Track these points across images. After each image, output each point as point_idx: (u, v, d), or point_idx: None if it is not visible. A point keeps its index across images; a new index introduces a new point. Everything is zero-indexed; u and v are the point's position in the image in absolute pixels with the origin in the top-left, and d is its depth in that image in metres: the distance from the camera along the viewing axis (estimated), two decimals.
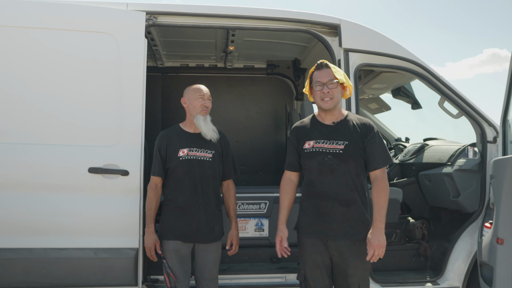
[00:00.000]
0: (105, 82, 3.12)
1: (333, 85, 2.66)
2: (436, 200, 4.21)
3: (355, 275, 2.62)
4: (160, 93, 5.41)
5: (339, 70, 2.75)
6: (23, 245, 2.96)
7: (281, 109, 5.68)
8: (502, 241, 2.87)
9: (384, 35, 3.56)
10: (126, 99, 3.12)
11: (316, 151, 2.66)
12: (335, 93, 2.67)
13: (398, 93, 4.89)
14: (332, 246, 2.63)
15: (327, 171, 2.63)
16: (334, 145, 2.63)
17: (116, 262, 3.03)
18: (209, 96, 3.04)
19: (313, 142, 2.69)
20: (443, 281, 3.53)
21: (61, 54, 3.08)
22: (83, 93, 3.10)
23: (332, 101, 2.67)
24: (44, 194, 2.99)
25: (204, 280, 2.99)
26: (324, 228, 2.63)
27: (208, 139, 2.97)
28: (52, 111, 3.06)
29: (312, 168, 2.68)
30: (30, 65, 3.06)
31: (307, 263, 2.72)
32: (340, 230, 2.61)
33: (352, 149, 2.62)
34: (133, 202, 3.06)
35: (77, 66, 3.09)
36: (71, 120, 3.07)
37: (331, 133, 2.68)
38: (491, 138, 3.58)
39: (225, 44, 4.69)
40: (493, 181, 3.08)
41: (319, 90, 2.68)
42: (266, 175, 5.60)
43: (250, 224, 3.81)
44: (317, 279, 2.70)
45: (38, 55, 3.07)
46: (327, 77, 2.68)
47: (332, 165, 2.62)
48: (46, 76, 3.07)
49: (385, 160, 2.69)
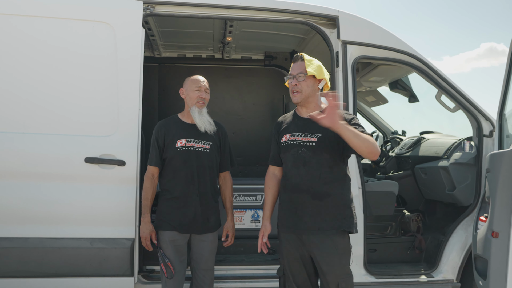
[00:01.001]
0: (102, 72, 3.09)
1: (301, 77, 2.62)
2: (432, 193, 4.24)
3: (332, 272, 2.55)
4: (157, 83, 5.39)
5: (315, 63, 2.67)
6: (19, 234, 2.96)
7: (278, 100, 5.66)
8: (497, 235, 2.88)
9: (383, 28, 3.55)
10: (123, 89, 3.10)
11: (291, 143, 2.65)
12: (304, 86, 2.63)
13: (395, 86, 4.89)
14: (306, 241, 2.59)
15: (300, 164, 2.60)
16: (308, 138, 2.61)
17: (112, 252, 3.03)
18: (207, 88, 3.02)
19: (289, 135, 2.68)
20: (437, 274, 3.56)
21: (57, 43, 3.06)
22: (80, 83, 3.07)
23: (300, 94, 2.64)
24: (41, 183, 2.98)
25: (200, 271, 3.00)
26: (298, 222, 2.60)
27: (202, 132, 2.96)
28: (48, 101, 3.04)
29: (287, 161, 2.68)
30: (25, 54, 3.03)
31: (285, 257, 2.71)
32: (313, 224, 2.56)
33: (325, 141, 2.57)
34: (130, 192, 3.05)
35: (73, 55, 3.07)
36: (67, 110, 3.05)
37: (306, 125, 2.65)
38: (488, 132, 3.59)
39: (223, 35, 4.66)
40: (488, 175, 3.09)
41: (289, 82, 2.68)
42: (263, 167, 5.55)
43: (246, 215, 3.81)
44: (296, 273, 2.69)
45: (33, 44, 3.04)
46: (298, 70, 2.65)
47: (305, 157, 2.59)
48: (42, 65, 3.04)
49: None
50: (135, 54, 3.13)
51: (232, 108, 5.59)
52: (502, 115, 3.23)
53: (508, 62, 3.08)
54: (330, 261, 2.55)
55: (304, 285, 2.71)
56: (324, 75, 2.68)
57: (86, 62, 3.08)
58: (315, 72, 2.63)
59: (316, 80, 2.66)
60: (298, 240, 2.63)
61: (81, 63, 3.08)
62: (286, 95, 5.64)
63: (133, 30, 3.14)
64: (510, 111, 3.16)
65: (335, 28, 3.44)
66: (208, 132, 2.98)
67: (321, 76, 2.66)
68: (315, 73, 2.63)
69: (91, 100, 3.09)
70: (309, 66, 2.64)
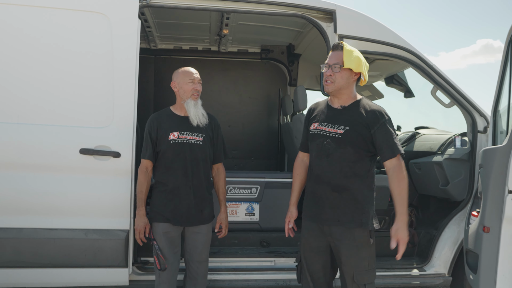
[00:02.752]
0: (98, 63, 3.08)
1: (336, 68, 2.57)
2: (426, 188, 4.26)
3: (348, 263, 2.57)
4: (152, 75, 5.38)
5: (354, 55, 2.58)
6: (13, 224, 2.96)
7: (274, 94, 5.67)
8: (488, 229, 2.91)
9: (380, 22, 3.55)
10: (119, 81, 3.09)
11: (318, 133, 2.64)
12: (338, 77, 2.57)
13: (391, 81, 4.90)
14: (327, 231, 2.62)
15: (324, 155, 2.59)
16: (335, 129, 2.58)
17: (107, 243, 3.03)
18: (199, 79, 3.01)
19: (317, 124, 2.66)
20: (430, 268, 3.60)
21: (51, 34, 3.04)
22: (75, 74, 3.06)
23: (333, 85, 2.59)
24: (35, 174, 2.97)
25: (193, 262, 3.01)
26: (319, 213, 2.62)
27: (195, 125, 2.96)
28: (43, 91, 3.02)
29: (313, 150, 2.68)
30: (19, 45, 3.01)
31: (302, 245, 2.76)
32: (333, 215, 2.58)
33: (352, 135, 2.54)
34: (125, 184, 3.05)
35: (68, 46, 3.05)
36: (62, 101, 3.04)
37: (335, 116, 2.62)
38: (482, 128, 3.61)
39: (219, 28, 4.65)
40: (481, 171, 3.12)
41: (324, 71, 2.63)
42: (258, 160, 5.61)
43: (241, 208, 3.83)
44: (310, 263, 2.73)
45: (27, 34, 3.02)
46: (335, 60, 2.59)
47: (329, 149, 2.57)
48: (37, 56, 3.02)
49: (392, 151, 2.52)
50: (131, 45, 3.11)
51: (228, 101, 5.59)
52: (497, 111, 3.25)
53: (503, 59, 3.09)
54: (347, 252, 2.57)
55: (317, 275, 2.74)
56: (362, 69, 2.60)
57: (81, 53, 3.06)
58: (352, 65, 2.56)
59: (353, 72, 2.59)
60: (319, 230, 2.65)
61: (77, 54, 3.06)
62: (282, 88, 5.65)
63: (129, 21, 3.12)
64: (504, 107, 3.18)
65: (332, 22, 3.43)
66: (201, 125, 2.98)
67: (359, 69, 2.59)
68: (352, 67, 2.57)
69: (86, 91, 3.07)
70: (347, 58, 2.56)
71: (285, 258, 3.56)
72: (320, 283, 2.75)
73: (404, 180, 2.53)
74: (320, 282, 2.75)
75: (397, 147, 2.54)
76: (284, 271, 3.49)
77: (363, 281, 2.58)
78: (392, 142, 2.53)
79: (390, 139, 2.53)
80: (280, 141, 5.61)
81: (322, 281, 2.75)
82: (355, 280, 2.57)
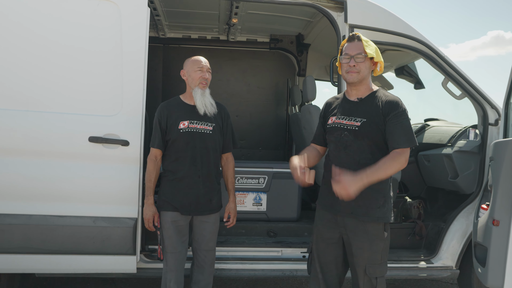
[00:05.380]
0: (107, 51, 3.07)
1: (360, 59, 2.56)
2: (434, 181, 4.24)
3: (360, 256, 2.55)
4: (161, 64, 5.37)
5: (371, 44, 2.61)
6: (22, 211, 2.98)
7: (282, 84, 5.64)
8: (497, 223, 2.89)
9: (391, 12, 3.50)
10: (127, 69, 3.08)
11: (335, 126, 2.63)
12: (362, 67, 2.56)
13: (401, 72, 4.84)
14: (340, 222, 2.61)
15: (342, 147, 2.58)
16: (352, 122, 2.56)
17: (115, 231, 3.05)
18: (208, 68, 3.00)
19: (335, 118, 2.66)
20: (437, 260, 3.58)
21: (62, 22, 3.03)
22: (84, 62, 3.06)
23: (358, 75, 2.56)
24: (45, 161, 2.99)
25: (201, 251, 3.03)
26: (334, 203, 2.60)
27: (202, 114, 2.94)
28: (52, 79, 3.03)
29: (331, 143, 2.67)
30: (30, 32, 3.01)
31: (315, 236, 2.75)
32: (347, 207, 2.56)
33: (369, 127, 2.52)
34: (133, 172, 3.06)
35: (78, 34, 3.05)
36: (72, 89, 3.04)
37: (352, 109, 2.61)
38: (493, 121, 3.56)
39: (228, 16, 4.61)
40: (492, 163, 3.09)
41: (346, 62, 2.59)
42: (266, 151, 5.60)
43: (248, 198, 3.83)
44: (321, 254, 2.72)
45: (37, 21, 3.01)
46: (356, 50, 2.57)
47: (347, 141, 2.56)
48: (47, 44, 3.02)
49: (402, 141, 2.45)
50: (140, 34, 3.10)
51: (236, 90, 5.57)
52: (509, 103, 3.20)
53: None
54: (360, 245, 2.55)
55: (328, 267, 2.72)
56: (380, 58, 2.61)
57: (91, 41, 3.06)
58: (374, 54, 2.56)
59: (372, 62, 2.60)
60: (333, 220, 2.65)
61: (86, 42, 3.06)
62: (291, 78, 5.61)
63: (138, 9, 3.11)
64: None
65: (343, 11, 3.39)
66: (208, 114, 2.97)
67: (379, 58, 2.60)
68: (374, 55, 2.56)
69: (95, 79, 3.07)
70: (367, 47, 2.56)
71: (292, 249, 3.57)
72: (331, 276, 2.73)
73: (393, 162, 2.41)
74: (332, 275, 2.73)
75: (403, 139, 2.46)
76: (290, 261, 3.49)
77: (375, 274, 2.56)
78: (399, 133, 2.47)
79: (399, 130, 2.47)
80: (288, 132, 5.60)
81: (334, 273, 2.73)
82: (367, 273, 2.55)
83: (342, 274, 2.77)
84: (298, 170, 2.45)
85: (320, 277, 2.73)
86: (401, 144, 2.46)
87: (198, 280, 3.06)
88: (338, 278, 2.75)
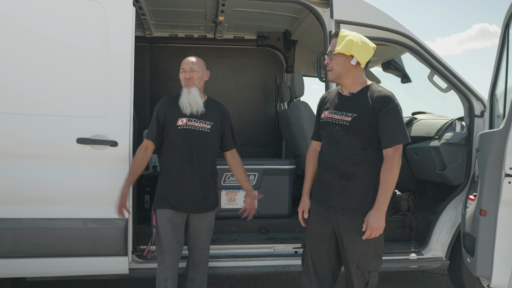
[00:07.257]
0: (93, 52, 3.05)
1: (331, 56, 2.60)
2: (423, 173, 4.28)
3: (353, 250, 2.57)
4: (148, 63, 5.33)
5: (347, 39, 2.53)
6: (12, 215, 2.96)
7: (271, 81, 5.64)
8: (485, 213, 2.94)
9: (377, 8, 3.52)
10: (114, 69, 3.07)
11: (327, 121, 2.64)
12: (333, 64, 2.57)
13: (388, 66, 4.88)
14: (333, 218, 2.63)
15: (333, 142, 2.59)
16: (343, 117, 2.56)
17: (106, 232, 3.04)
18: (192, 68, 2.98)
19: (328, 112, 2.66)
20: (427, 252, 3.63)
21: (46, 22, 3.00)
22: (71, 63, 3.03)
23: (331, 72, 2.59)
24: (33, 164, 2.96)
25: (196, 250, 3.04)
26: (326, 199, 2.63)
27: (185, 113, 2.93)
28: (39, 81, 3.00)
29: (323, 138, 2.69)
30: (14, 33, 2.98)
31: (307, 231, 2.77)
32: (338, 203, 2.58)
33: (359, 122, 2.51)
34: (122, 172, 3.04)
35: (64, 35, 3.02)
36: (58, 90, 3.02)
37: (344, 104, 2.61)
38: (479, 112, 3.61)
39: (215, 14, 4.60)
40: (478, 155, 3.13)
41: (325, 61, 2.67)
42: (255, 148, 5.61)
43: (239, 195, 3.83)
44: (313, 250, 2.73)
45: (22, 22, 2.98)
46: (331, 47, 2.62)
47: (338, 136, 2.56)
48: (32, 45, 2.99)
49: (395, 139, 2.46)
50: (126, 33, 3.08)
51: (225, 89, 5.56)
52: (494, 95, 3.25)
53: (500, 43, 3.09)
54: (352, 239, 2.56)
55: (320, 262, 2.74)
56: (354, 51, 2.51)
57: (76, 42, 3.04)
58: (343, 49, 2.52)
59: (348, 56, 2.54)
60: (325, 215, 2.66)
61: (72, 43, 3.03)
62: (279, 75, 5.62)
63: (124, 9, 3.09)
64: (501, 91, 3.18)
65: (328, 7, 3.41)
66: (195, 113, 2.96)
67: (350, 52, 2.52)
68: (343, 51, 2.52)
69: (82, 80, 3.05)
70: (339, 43, 2.54)
71: (283, 245, 3.58)
72: (324, 271, 2.74)
73: (392, 171, 2.46)
74: (324, 269, 2.74)
75: (396, 136, 2.47)
76: (283, 257, 3.51)
77: (368, 268, 2.57)
78: (391, 131, 2.47)
79: (391, 127, 2.47)
80: (277, 128, 5.61)
81: (327, 268, 2.74)
82: (360, 267, 2.57)
83: (336, 269, 2.79)
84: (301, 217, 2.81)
85: (312, 272, 2.75)
86: (394, 142, 2.47)
87: (193, 278, 3.06)
88: (331, 272, 2.76)
